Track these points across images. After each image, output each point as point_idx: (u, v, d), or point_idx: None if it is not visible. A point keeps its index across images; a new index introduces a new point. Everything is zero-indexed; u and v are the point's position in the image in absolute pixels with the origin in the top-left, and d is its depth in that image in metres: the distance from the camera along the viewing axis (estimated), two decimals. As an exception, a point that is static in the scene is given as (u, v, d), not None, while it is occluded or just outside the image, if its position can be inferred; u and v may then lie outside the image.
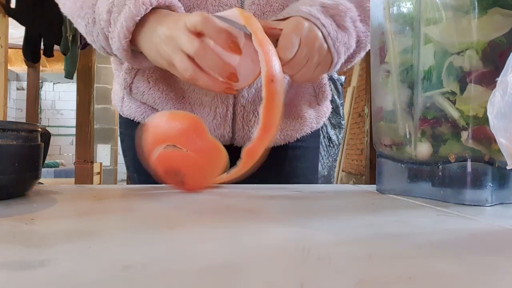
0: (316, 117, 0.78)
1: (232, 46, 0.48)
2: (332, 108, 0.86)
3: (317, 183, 0.84)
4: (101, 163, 3.41)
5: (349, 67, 0.70)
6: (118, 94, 0.76)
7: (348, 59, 0.66)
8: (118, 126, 0.82)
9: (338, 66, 0.62)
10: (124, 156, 0.80)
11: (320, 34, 0.57)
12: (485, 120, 0.39)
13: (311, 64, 0.56)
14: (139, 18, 0.52)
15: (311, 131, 0.78)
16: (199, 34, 0.49)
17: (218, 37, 0.48)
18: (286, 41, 0.53)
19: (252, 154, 0.49)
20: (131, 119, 0.73)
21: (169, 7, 0.55)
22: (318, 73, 0.59)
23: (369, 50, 0.60)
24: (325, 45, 0.58)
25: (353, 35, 0.61)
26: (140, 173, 0.76)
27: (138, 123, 0.72)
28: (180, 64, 0.50)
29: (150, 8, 0.52)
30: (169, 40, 0.50)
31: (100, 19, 0.54)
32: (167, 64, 0.53)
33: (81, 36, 2.40)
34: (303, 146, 0.77)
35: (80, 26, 0.59)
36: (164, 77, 0.68)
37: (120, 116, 0.77)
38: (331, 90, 0.82)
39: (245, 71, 0.50)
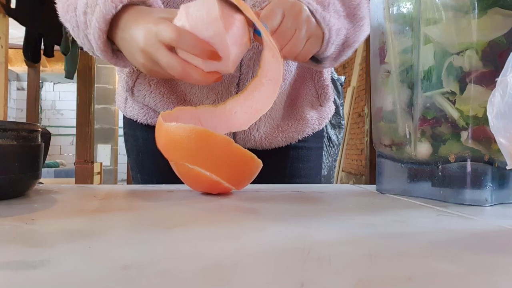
0: (318, 119, 0.78)
1: (210, 55, 0.48)
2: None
3: (320, 183, 0.84)
4: (101, 163, 3.40)
5: (336, 65, 0.68)
6: (121, 95, 0.76)
7: (337, 55, 0.64)
8: (122, 126, 0.82)
9: (331, 47, 0.60)
10: (128, 156, 0.80)
11: (305, 7, 0.55)
12: (485, 120, 0.39)
13: (299, 36, 0.54)
14: (109, 17, 0.51)
15: (313, 133, 0.77)
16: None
17: (195, 51, 0.47)
18: (267, 11, 0.52)
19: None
20: (135, 120, 0.73)
21: (144, 3, 0.53)
22: (309, 49, 0.57)
23: (369, 50, 0.60)
24: (313, 19, 0.56)
25: (340, 22, 0.60)
26: (143, 173, 0.77)
27: (141, 124, 0.72)
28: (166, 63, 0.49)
29: (121, 5, 0.51)
30: (145, 54, 0.49)
31: (80, 22, 0.54)
32: (145, 70, 0.52)
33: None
34: (305, 147, 0.77)
35: (70, 31, 0.59)
36: (165, 80, 0.68)
37: (124, 117, 0.78)
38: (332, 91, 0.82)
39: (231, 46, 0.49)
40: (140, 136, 0.75)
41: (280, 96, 0.72)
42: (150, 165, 0.76)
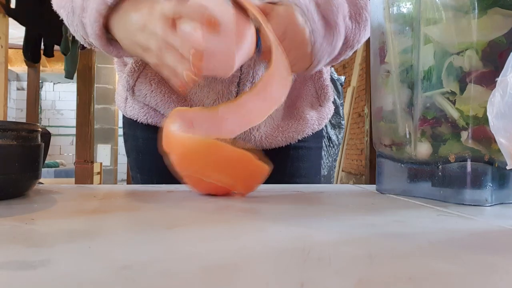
0: (318, 119, 0.78)
1: (211, 22, 0.46)
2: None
3: (319, 183, 0.84)
4: (101, 163, 3.40)
5: (332, 65, 0.69)
6: (121, 95, 0.76)
7: (333, 59, 0.63)
8: (122, 126, 0.82)
9: (315, 69, 0.60)
10: (128, 156, 0.80)
11: (307, 31, 0.54)
12: (485, 120, 0.39)
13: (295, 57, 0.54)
14: (111, 0, 0.50)
15: (312, 133, 0.77)
16: (175, 22, 0.47)
17: (194, 15, 0.46)
18: (267, 29, 0.50)
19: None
20: (135, 119, 0.73)
21: None
22: (297, 70, 0.56)
23: (369, 50, 0.59)
24: (309, 48, 0.55)
25: (342, 35, 0.59)
26: (143, 173, 0.77)
27: (142, 123, 0.72)
28: (155, 46, 0.48)
29: None
30: (144, 28, 0.49)
31: (76, 6, 0.54)
32: (141, 51, 0.51)
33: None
34: (305, 147, 0.77)
35: (64, 18, 0.58)
36: (167, 80, 0.68)
37: (124, 117, 0.78)
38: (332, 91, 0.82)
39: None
40: (140, 136, 0.75)
41: None
42: (150, 165, 0.76)
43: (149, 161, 0.75)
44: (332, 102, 0.82)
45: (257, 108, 0.51)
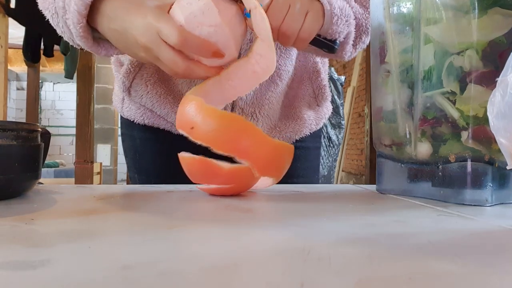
0: (315, 119, 0.78)
1: (216, 53, 0.47)
2: (332, 108, 0.86)
3: (318, 183, 0.84)
4: (101, 163, 3.39)
5: (354, 55, 0.66)
6: (118, 95, 0.76)
7: (355, 43, 0.62)
8: (119, 126, 0.82)
9: (339, 24, 0.57)
10: (125, 156, 0.80)
11: None
12: (485, 120, 0.39)
13: (294, 10, 0.51)
14: (89, 0, 0.48)
15: (310, 133, 0.77)
16: None
17: (200, 53, 0.47)
18: None
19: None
20: (132, 120, 0.73)
21: None
22: (310, 24, 0.53)
23: (369, 50, 0.59)
24: None
25: (345, 2, 0.58)
26: (141, 173, 0.77)
27: (139, 124, 0.72)
28: (166, 69, 0.48)
29: None
30: (147, 50, 0.47)
31: (58, 7, 0.52)
32: (148, 63, 0.51)
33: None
34: (302, 147, 0.77)
35: (49, 19, 0.56)
36: (162, 80, 0.68)
37: (121, 117, 0.78)
38: (331, 90, 0.82)
39: (231, 39, 0.48)
40: (137, 136, 0.75)
41: (277, 96, 0.72)
42: (148, 165, 0.76)
43: (147, 161, 0.75)
44: (332, 102, 0.82)
45: (245, 79, 0.50)
